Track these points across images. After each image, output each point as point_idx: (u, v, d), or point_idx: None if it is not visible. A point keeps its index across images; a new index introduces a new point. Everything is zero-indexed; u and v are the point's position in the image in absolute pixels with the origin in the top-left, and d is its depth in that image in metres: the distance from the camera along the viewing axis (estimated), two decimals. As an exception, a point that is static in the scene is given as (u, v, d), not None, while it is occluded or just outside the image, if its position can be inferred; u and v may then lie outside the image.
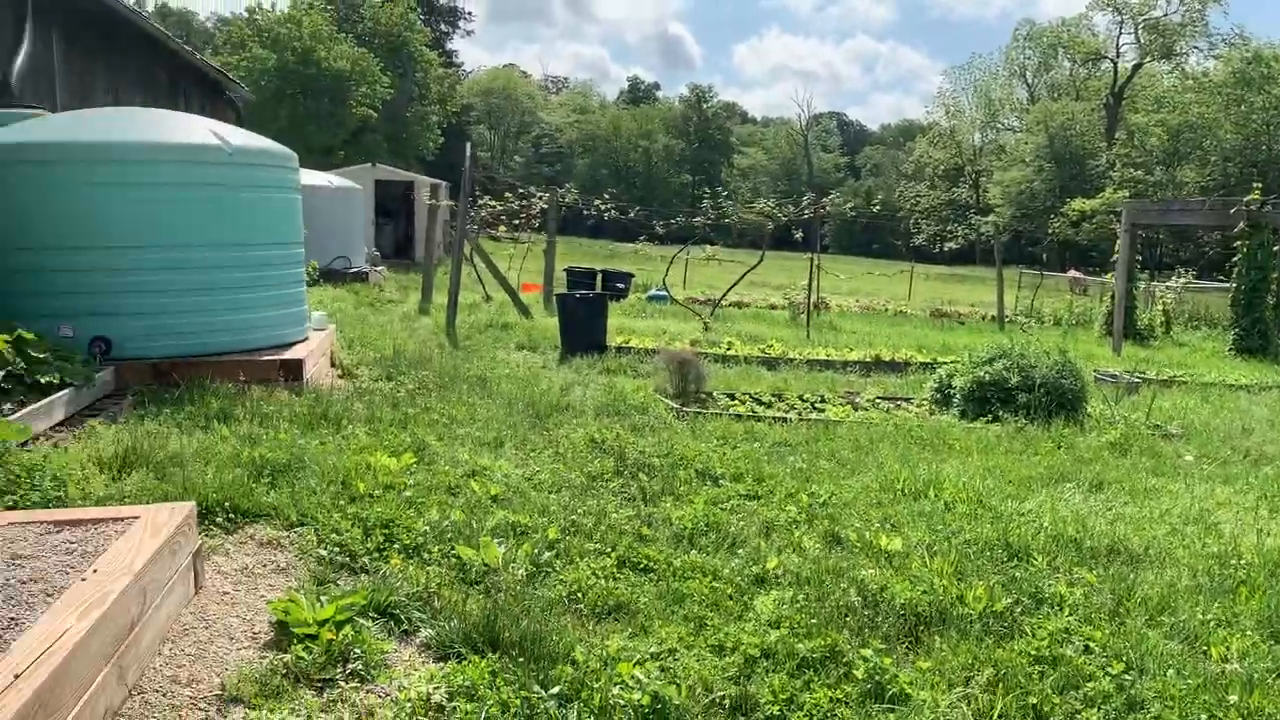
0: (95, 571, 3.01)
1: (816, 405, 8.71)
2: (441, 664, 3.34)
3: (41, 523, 3.54)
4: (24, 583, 2.96)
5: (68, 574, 3.05)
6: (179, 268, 7.14)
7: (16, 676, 2.32)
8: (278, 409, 6.41)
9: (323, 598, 3.58)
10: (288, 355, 7.46)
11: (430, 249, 17.32)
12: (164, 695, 2.94)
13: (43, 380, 5.88)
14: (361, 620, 3.50)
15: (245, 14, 46.24)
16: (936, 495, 5.67)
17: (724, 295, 18.69)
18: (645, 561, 4.38)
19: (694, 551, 4.57)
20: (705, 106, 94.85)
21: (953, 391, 8.81)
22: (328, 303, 13.82)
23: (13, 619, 2.69)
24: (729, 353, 11.76)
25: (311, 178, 17.41)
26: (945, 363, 10.50)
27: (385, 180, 27.32)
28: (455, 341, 11.50)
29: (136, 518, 3.55)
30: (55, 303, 6.85)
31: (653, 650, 3.50)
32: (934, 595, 4.09)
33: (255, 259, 7.60)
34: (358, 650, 3.29)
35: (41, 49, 10.98)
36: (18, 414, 5.28)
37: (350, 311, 13.63)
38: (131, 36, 14.24)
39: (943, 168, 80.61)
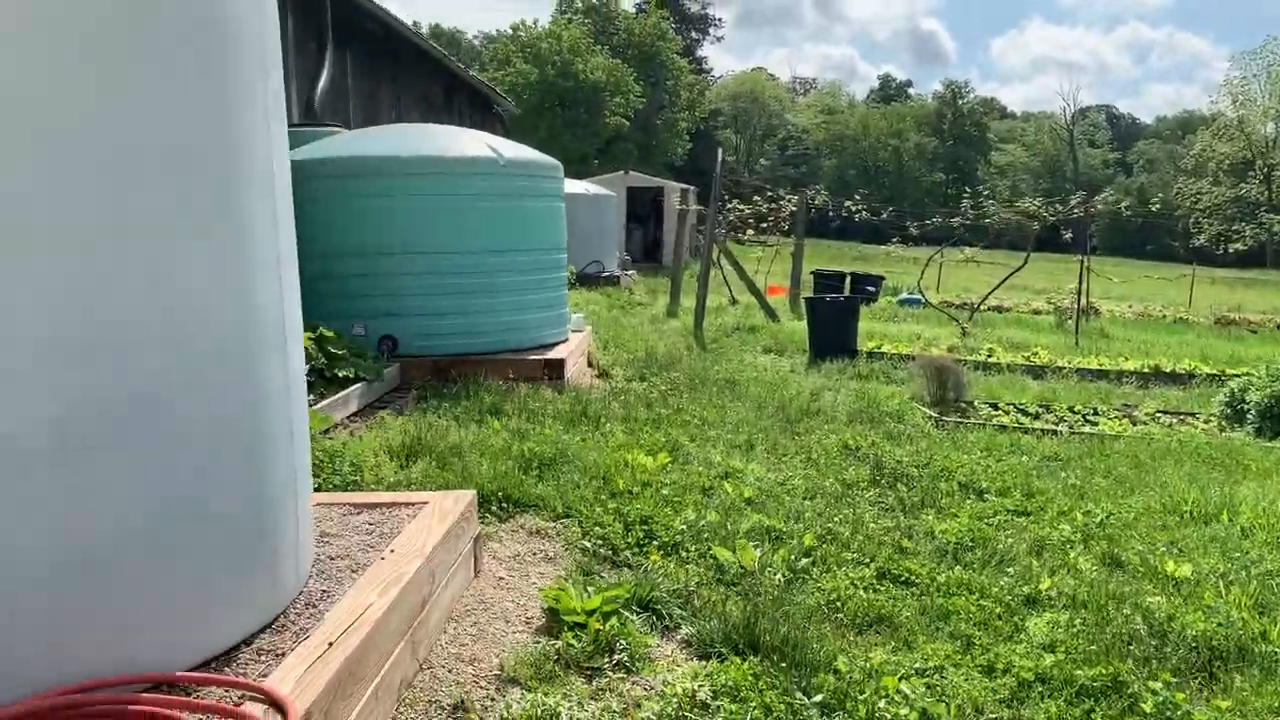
0: (392, 552, 3.27)
1: (1089, 418, 8.17)
2: (703, 662, 3.39)
3: (344, 504, 3.88)
4: (332, 559, 3.25)
5: (368, 553, 3.33)
6: (456, 272, 7.64)
7: (330, 644, 2.55)
8: (542, 406, 6.73)
9: (589, 588, 3.72)
10: (551, 355, 7.81)
11: (679, 253, 17.64)
12: (449, 671, 3.15)
13: (339, 374, 6.45)
14: (625, 613, 3.60)
15: (510, 31, 48.87)
16: (1231, 520, 5.17)
17: (984, 299, 17.89)
18: (906, 574, 4.26)
19: (959, 567, 4.40)
20: (960, 102, 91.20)
21: (1247, 407, 8.01)
22: (582, 305, 14.36)
23: (325, 591, 2.96)
24: (990, 360, 11.24)
25: (569, 185, 18.16)
26: (1236, 375, 9.57)
27: (636, 187, 28.09)
28: (703, 344, 11.66)
29: (425, 503, 3.82)
30: (349, 304, 7.50)
31: (918, 666, 3.40)
32: (1231, 629, 3.74)
33: (524, 264, 8.02)
34: (623, 642, 3.39)
35: (338, 73, 12.07)
36: (319, 405, 5.82)
37: (603, 314, 14.11)
38: (413, 58, 15.38)
39: (1229, 162, 73.45)
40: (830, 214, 21.41)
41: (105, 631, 2.27)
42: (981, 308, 17.73)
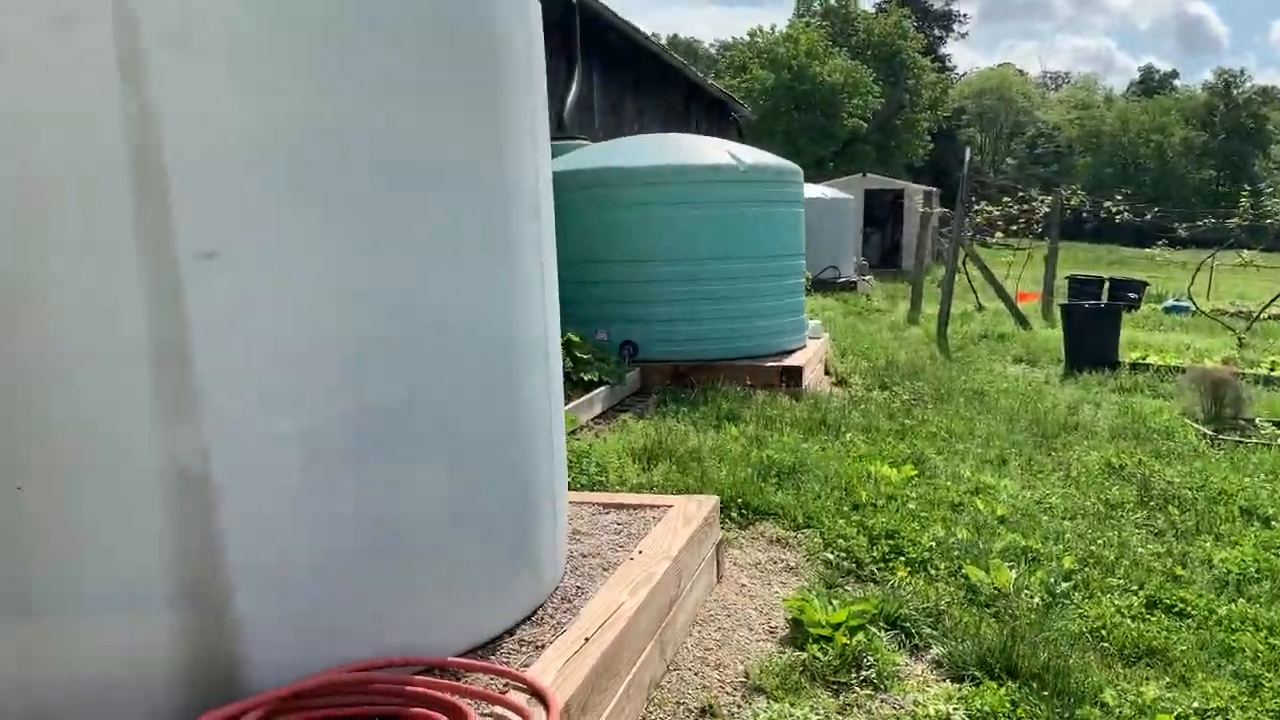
0: (640, 553, 3.35)
1: (1396, 441, 7.24)
2: (956, 684, 3.25)
3: (593, 504, 4.01)
4: (584, 556, 3.36)
5: (617, 552, 3.42)
6: (696, 279, 7.74)
7: (587, 639, 2.63)
8: (779, 413, 6.69)
9: (834, 601, 3.67)
10: (788, 362, 7.77)
11: (921, 256, 17.09)
12: (695, 674, 3.18)
13: (585, 378, 6.68)
14: (872, 628, 3.52)
15: (746, 37, 49.09)
16: None
17: (1265, 307, 16.24)
18: (1180, 605, 3.93)
19: (1242, 600, 4.01)
20: (1235, 92, 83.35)
21: None
22: (818, 311, 14.18)
23: (579, 588, 3.07)
24: (1272, 374, 10.18)
25: (806, 190, 18.01)
26: None
27: (875, 189, 27.48)
28: (947, 352, 11.23)
29: (670, 507, 3.88)
30: (592, 309, 7.75)
31: (1197, 705, 3.13)
32: None
33: (762, 270, 8.02)
34: (870, 658, 3.31)
35: (585, 87, 12.53)
36: (567, 406, 6.05)
37: (839, 320, 13.88)
38: (654, 69, 15.73)
39: None
40: (1085, 215, 20.11)
41: (389, 614, 2.45)
42: (1262, 316, 16.11)
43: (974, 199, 18.15)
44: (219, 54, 2.16)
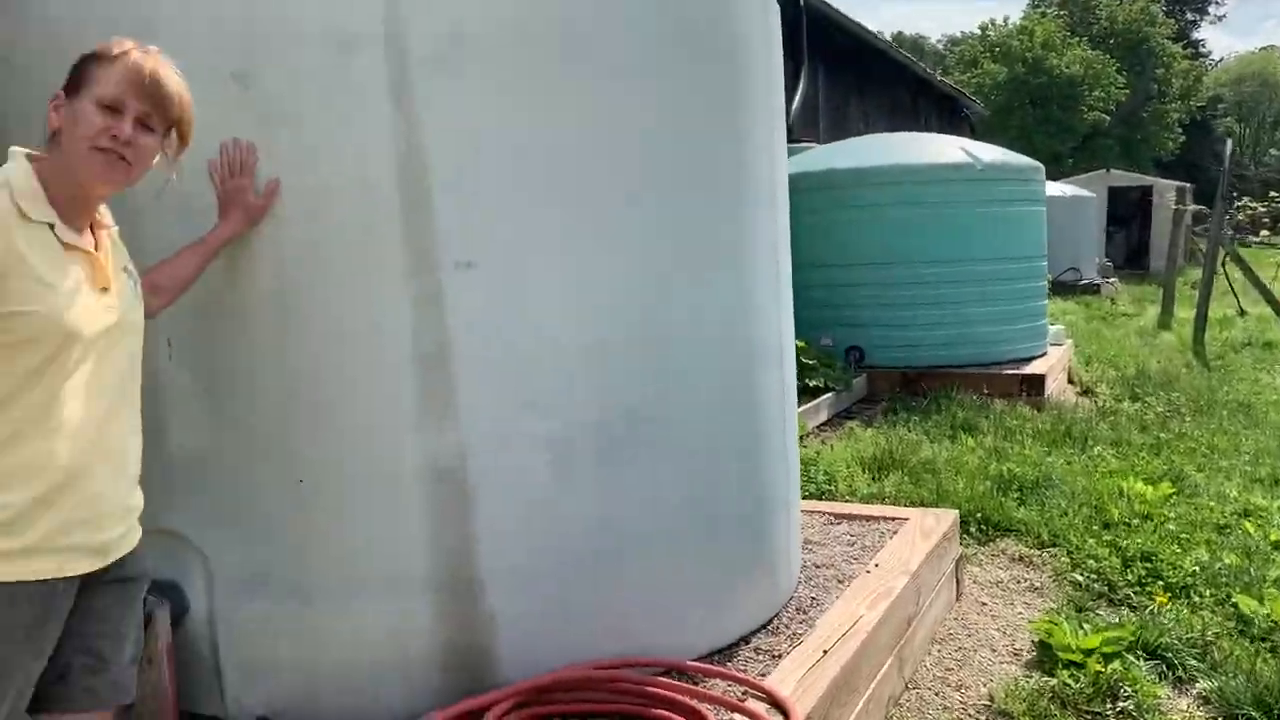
0: (876, 566, 3.26)
1: None
2: (1228, 725, 2.98)
3: (824, 513, 3.94)
4: (817, 566, 3.31)
5: (851, 564, 3.34)
6: (927, 282, 7.48)
7: (825, 652, 2.59)
8: (1020, 424, 6.37)
9: (1084, 625, 3.44)
10: (1029, 370, 7.39)
11: (1173, 256, 15.82)
12: (935, 694, 3.06)
13: (810, 384, 6.60)
14: (1129, 656, 3.27)
15: (978, 31, 47.16)
16: None
17: None
18: None
19: None
20: None
21: None
22: (1058, 316, 13.40)
23: (813, 598, 3.02)
24: None
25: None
26: None
27: (1119, 186, 25.69)
28: (1205, 361, 10.33)
29: (906, 519, 3.76)
30: (817, 314, 7.64)
31: None
32: None
33: (1000, 272, 7.66)
34: (1127, 689, 3.08)
35: (810, 89, 12.40)
36: (793, 413, 5.99)
37: (1082, 325, 13.07)
38: (880, 67, 15.38)
39: None
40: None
41: (629, 615, 2.49)
42: None
43: (1234, 194, 16.65)
44: (476, 73, 2.27)
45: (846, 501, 4.59)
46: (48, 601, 1.64)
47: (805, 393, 6.56)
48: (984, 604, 3.81)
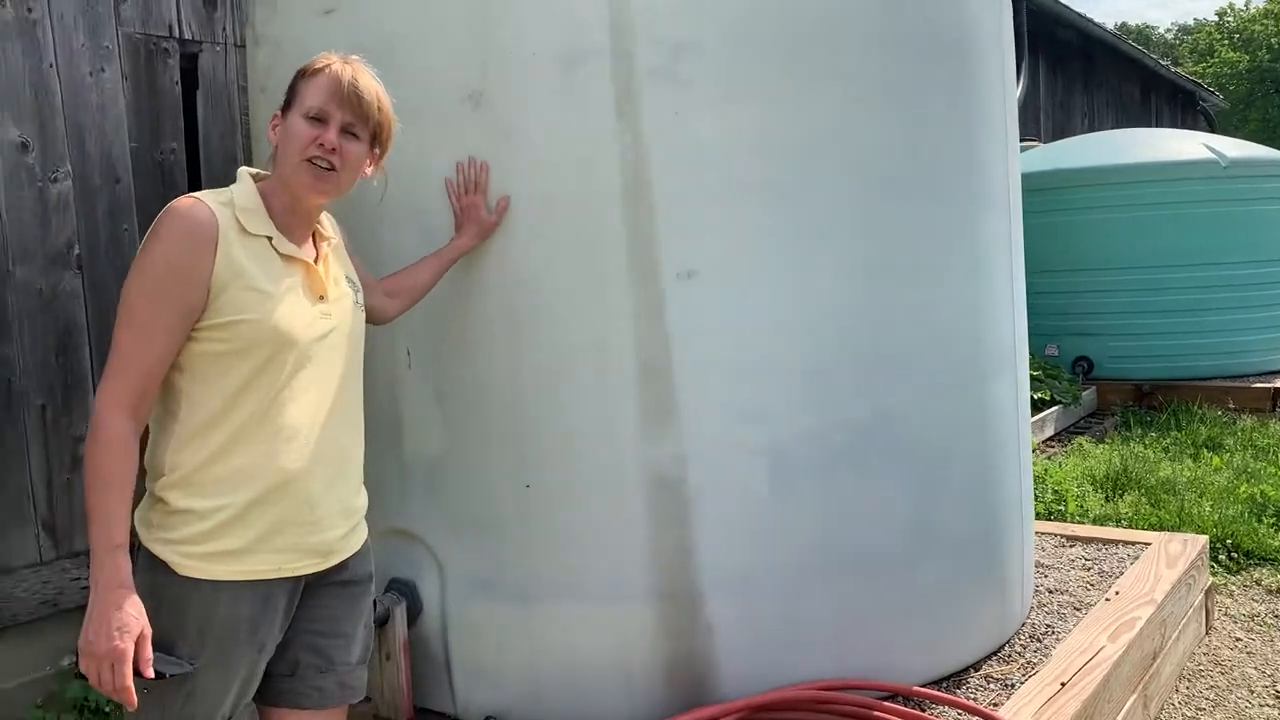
0: (1116, 594, 3.03)
1: None
2: None
3: (1054, 535, 3.72)
4: (1050, 592, 3.12)
5: (1088, 591, 3.13)
6: (1164, 288, 6.96)
7: (1063, 684, 2.42)
8: (1273, 442, 5.81)
9: (1364, 671, 3.08)
10: (1280, 383, 6.73)
11: None
12: (1186, 736, 2.82)
13: (1035, 397, 6.24)
14: None
15: (1213, 18, 43.66)
16: None
17: None
18: None
19: None
20: None
21: None
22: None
23: (1048, 626, 2.84)
24: None
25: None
26: None
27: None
28: None
29: (1147, 544, 3.49)
30: (1041, 322, 7.20)
31: None
32: None
33: (1246, 277, 7.03)
34: None
35: (1030, 85, 11.81)
36: (1015, 426, 5.69)
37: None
38: (1106, 61, 14.47)
39: None
40: None
41: (849, 633, 2.41)
42: None
43: None
44: (700, 83, 2.27)
45: (1079, 523, 4.31)
46: (268, 600, 1.70)
47: (1030, 406, 6.23)
48: (1238, 639, 3.48)
